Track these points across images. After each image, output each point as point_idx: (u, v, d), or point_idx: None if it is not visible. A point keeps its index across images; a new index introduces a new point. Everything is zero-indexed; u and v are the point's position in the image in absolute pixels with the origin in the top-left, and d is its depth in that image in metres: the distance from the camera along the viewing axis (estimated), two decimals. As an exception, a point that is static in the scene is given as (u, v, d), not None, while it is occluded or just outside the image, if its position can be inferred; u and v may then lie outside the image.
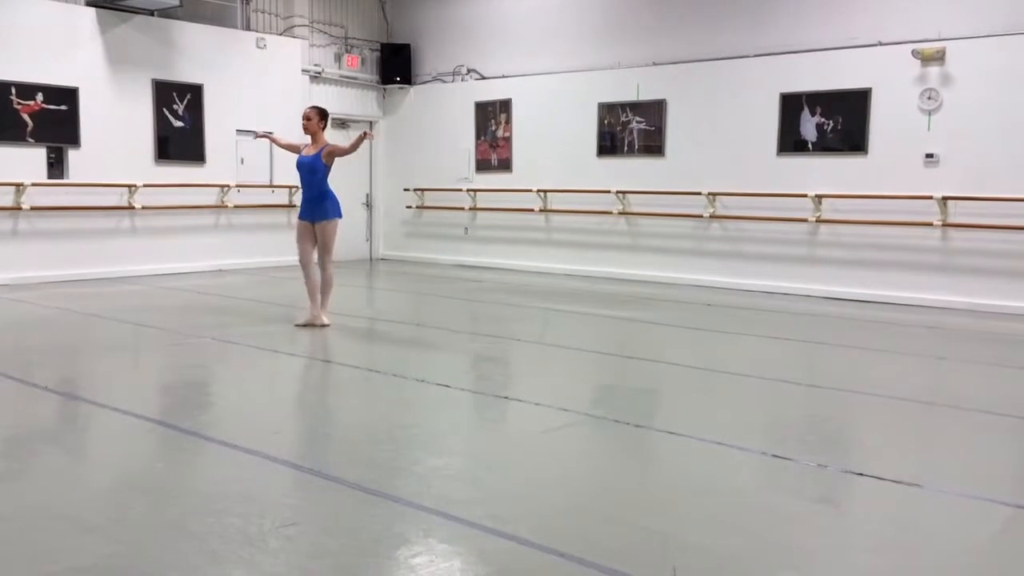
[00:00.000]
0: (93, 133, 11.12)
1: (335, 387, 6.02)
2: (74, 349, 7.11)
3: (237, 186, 12.54)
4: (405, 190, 14.46)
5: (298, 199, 8.71)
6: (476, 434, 4.91)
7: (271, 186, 13.00)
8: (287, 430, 4.89)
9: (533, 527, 3.35)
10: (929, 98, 9.60)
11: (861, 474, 4.05)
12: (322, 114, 7.70)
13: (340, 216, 7.73)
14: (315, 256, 7.74)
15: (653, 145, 11.69)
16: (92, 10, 11.12)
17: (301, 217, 7.75)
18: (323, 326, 7.67)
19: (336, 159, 7.65)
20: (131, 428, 4.72)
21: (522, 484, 3.91)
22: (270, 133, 8.51)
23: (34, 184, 10.60)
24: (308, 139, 7.81)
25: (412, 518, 3.44)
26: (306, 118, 7.66)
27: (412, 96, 14.49)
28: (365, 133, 7.26)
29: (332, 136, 13.32)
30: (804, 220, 10.48)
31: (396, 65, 14.33)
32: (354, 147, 7.34)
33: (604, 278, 12.01)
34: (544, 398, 5.37)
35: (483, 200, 13.52)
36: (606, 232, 12.26)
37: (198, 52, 12.13)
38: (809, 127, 10.42)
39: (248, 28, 12.97)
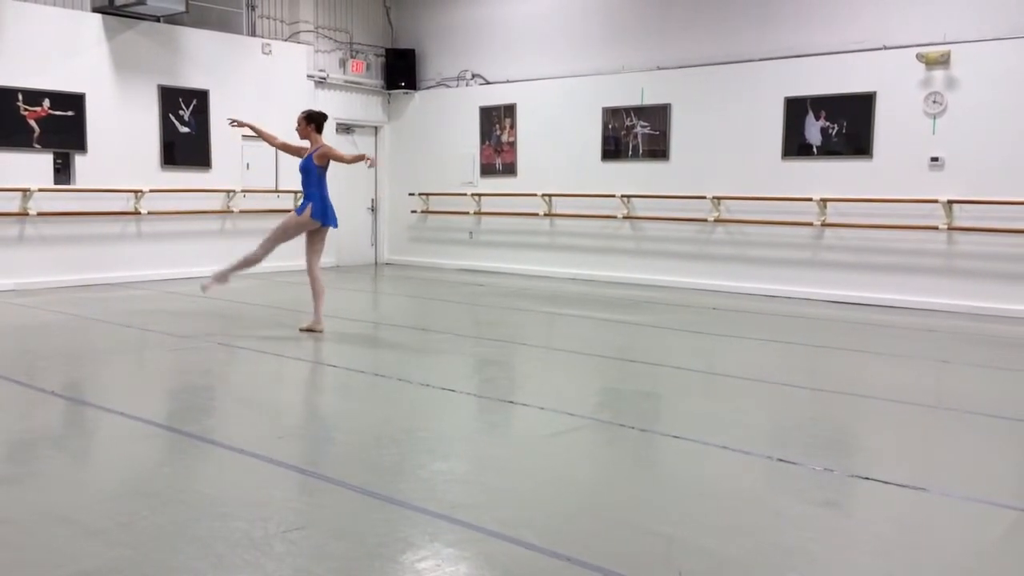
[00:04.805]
0: (99, 139, 11.16)
1: (340, 391, 6.02)
2: (80, 353, 7.13)
3: (243, 191, 12.57)
4: (410, 195, 14.48)
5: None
6: (481, 438, 4.91)
7: (276, 191, 13.03)
8: (292, 434, 4.90)
9: (539, 531, 3.35)
10: (934, 102, 9.59)
11: (866, 478, 4.05)
12: (309, 118, 7.64)
13: (315, 218, 7.48)
14: (316, 260, 7.72)
15: (658, 149, 11.70)
16: (98, 16, 11.16)
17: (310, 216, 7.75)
18: (308, 330, 7.66)
19: (333, 162, 7.64)
20: (136, 432, 4.73)
21: (528, 488, 3.91)
22: (250, 125, 8.05)
23: (41, 190, 10.63)
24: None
25: (418, 522, 3.45)
26: (296, 124, 7.71)
27: (417, 101, 14.52)
28: (368, 159, 7.31)
29: (336, 141, 13.42)
30: (809, 224, 10.47)
31: (401, 70, 14.36)
32: (351, 160, 7.35)
33: (608, 282, 12.01)
34: (549, 402, 5.37)
35: (488, 205, 13.53)
36: (610, 236, 12.26)
37: (204, 58, 12.17)
38: (814, 131, 10.41)
39: (254, 34, 13.01)
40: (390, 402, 5.52)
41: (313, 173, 7.54)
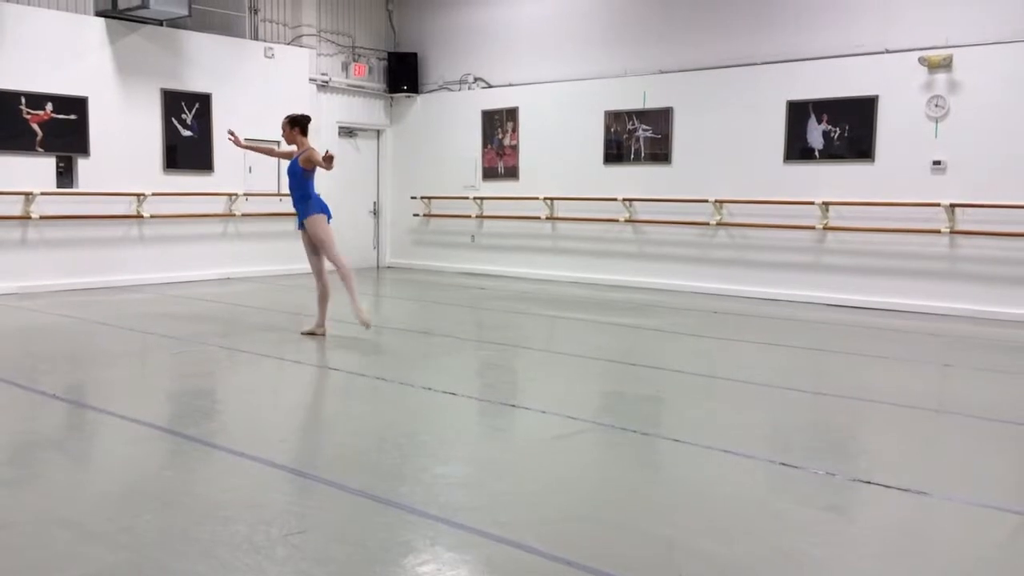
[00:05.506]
0: (102, 142, 11.17)
1: (341, 394, 6.02)
2: (81, 357, 7.14)
3: (245, 195, 12.58)
4: (412, 198, 14.49)
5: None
6: (483, 442, 4.91)
7: (279, 194, 13.02)
8: (293, 437, 4.90)
9: (540, 534, 3.35)
10: (936, 105, 9.58)
11: (868, 482, 4.04)
12: (293, 121, 7.62)
13: (327, 214, 7.59)
14: (321, 262, 7.73)
15: (659, 153, 11.70)
16: (101, 20, 11.18)
17: (298, 226, 7.75)
18: (317, 334, 7.63)
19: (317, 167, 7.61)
20: (137, 435, 4.73)
21: (529, 492, 3.91)
22: (238, 139, 8.14)
23: (43, 193, 10.65)
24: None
25: (419, 526, 3.45)
26: (281, 129, 7.70)
27: (419, 104, 14.53)
28: (327, 153, 7.26)
29: (339, 145, 13.45)
30: (811, 227, 10.46)
31: (403, 74, 14.37)
32: (326, 166, 7.26)
33: (610, 285, 12.01)
34: (551, 406, 5.37)
35: (490, 208, 13.53)
36: (612, 240, 12.26)
37: (207, 62, 12.19)
38: (816, 134, 10.41)
39: (256, 38, 13.03)
40: (392, 405, 5.52)
41: (300, 176, 7.59)
